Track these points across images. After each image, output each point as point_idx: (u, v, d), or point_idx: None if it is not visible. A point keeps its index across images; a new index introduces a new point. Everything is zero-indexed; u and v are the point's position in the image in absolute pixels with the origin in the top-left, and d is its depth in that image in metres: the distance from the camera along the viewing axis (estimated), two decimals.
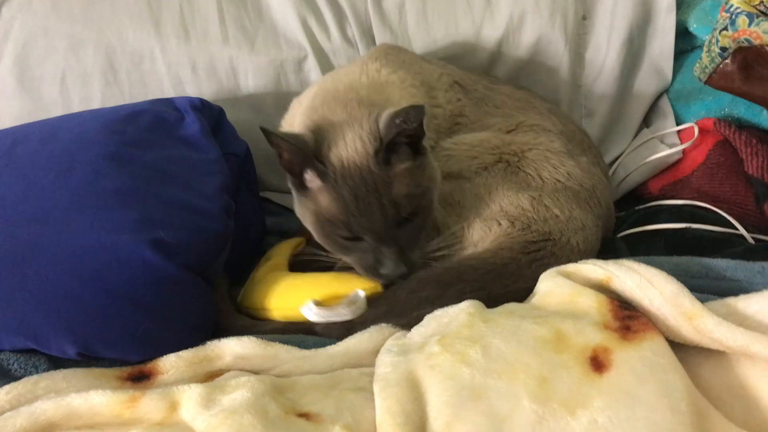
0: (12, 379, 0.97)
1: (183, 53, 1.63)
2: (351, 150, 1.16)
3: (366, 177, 1.15)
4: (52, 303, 1.02)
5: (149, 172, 1.17)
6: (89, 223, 1.08)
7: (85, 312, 1.03)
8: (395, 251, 1.15)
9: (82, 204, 1.10)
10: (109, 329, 1.04)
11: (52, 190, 1.12)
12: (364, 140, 1.15)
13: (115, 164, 1.16)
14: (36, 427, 0.86)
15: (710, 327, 0.87)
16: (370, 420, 0.85)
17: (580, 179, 1.31)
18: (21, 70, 1.61)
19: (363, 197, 1.14)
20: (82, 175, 1.14)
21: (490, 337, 0.90)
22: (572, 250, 1.20)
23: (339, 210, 1.16)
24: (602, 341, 0.87)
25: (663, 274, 0.95)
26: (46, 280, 1.03)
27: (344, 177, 1.15)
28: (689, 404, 0.81)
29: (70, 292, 1.03)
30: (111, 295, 1.04)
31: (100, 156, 1.17)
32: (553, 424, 0.79)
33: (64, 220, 1.08)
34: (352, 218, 1.15)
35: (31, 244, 1.06)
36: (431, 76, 1.39)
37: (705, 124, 1.57)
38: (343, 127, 1.18)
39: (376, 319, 1.09)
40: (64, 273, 1.03)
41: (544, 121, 1.41)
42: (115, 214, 1.09)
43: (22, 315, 1.02)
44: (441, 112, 1.38)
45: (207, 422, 0.84)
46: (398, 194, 1.15)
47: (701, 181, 1.52)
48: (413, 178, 1.17)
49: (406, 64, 1.37)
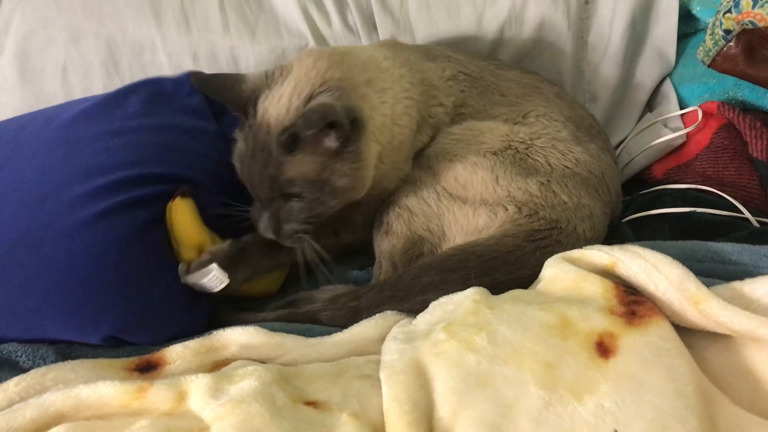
0: (20, 370, 0.98)
1: (184, 43, 1.62)
2: (273, 110, 1.17)
3: (265, 143, 1.16)
4: (76, 283, 1.04)
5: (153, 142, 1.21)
6: (101, 197, 1.09)
7: (106, 289, 1.05)
8: (270, 216, 1.19)
9: (92, 178, 1.12)
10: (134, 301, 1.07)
11: (62, 168, 1.12)
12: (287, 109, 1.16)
13: (121, 137, 1.18)
14: (45, 418, 0.87)
15: (716, 311, 0.87)
16: (377, 407, 0.86)
17: (589, 165, 1.30)
18: (22, 62, 1.61)
19: (253, 160, 1.18)
20: (90, 151, 1.15)
21: (496, 323, 0.90)
22: (578, 238, 1.19)
23: (236, 161, 1.22)
24: (608, 327, 0.87)
25: (668, 259, 0.95)
26: (65, 259, 1.04)
27: (252, 132, 1.18)
28: (695, 388, 0.81)
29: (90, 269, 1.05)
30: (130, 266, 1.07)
31: (105, 130, 1.19)
32: (559, 410, 0.79)
33: (76, 196, 1.09)
34: (242, 173, 1.21)
35: (47, 222, 1.07)
36: (433, 75, 1.38)
37: (709, 108, 1.56)
38: (295, 81, 1.18)
39: (380, 304, 1.10)
40: (80, 249, 1.05)
41: (551, 108, 1.40)
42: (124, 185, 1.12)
43: (47, 300, 1.04)
44: (441, 111, 1.37)
45: (215, 412, 0.85)
46: (289, 175, 1.15)
47: (705, 165, 1.51)
48: (318, 168, 1.16)
49: (410, 62, 1.35)
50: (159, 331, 1.10)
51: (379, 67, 1.28)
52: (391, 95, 1.26)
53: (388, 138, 1.25)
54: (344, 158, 1.16)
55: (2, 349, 1.01)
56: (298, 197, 1.17)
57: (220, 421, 0.83)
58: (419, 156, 1.34)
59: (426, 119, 1.34)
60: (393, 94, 1.26)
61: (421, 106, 1.32)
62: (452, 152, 1.29)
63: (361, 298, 1.12)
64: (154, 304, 1.10)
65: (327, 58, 1.21)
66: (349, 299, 1.13)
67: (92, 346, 1.06)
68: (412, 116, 1.29)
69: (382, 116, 1.24)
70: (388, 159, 1.27)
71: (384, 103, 1.24)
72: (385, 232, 1.28)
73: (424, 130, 1.34)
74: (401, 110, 1.27)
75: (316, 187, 1.16)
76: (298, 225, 1.20)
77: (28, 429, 0.85)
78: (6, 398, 0.91)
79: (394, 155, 1.29)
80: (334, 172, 1.16)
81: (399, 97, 1.27)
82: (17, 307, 1.04)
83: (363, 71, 1.24)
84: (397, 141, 1.28)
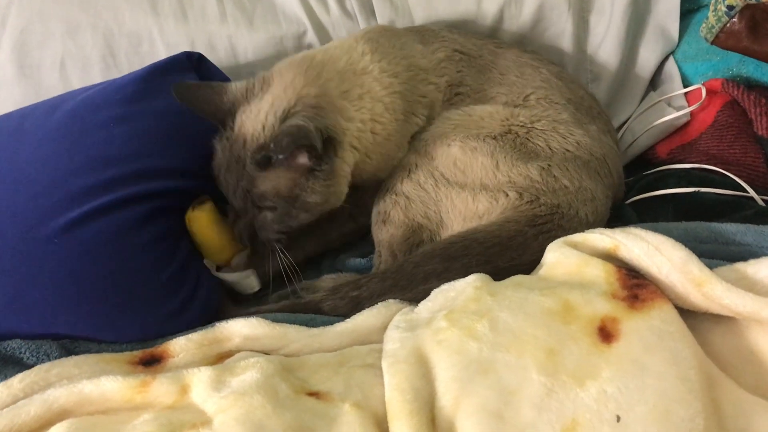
0: (24, 367, 0.98)
1: (181, 34, 1.61)
2: (250, 125, 1.20)
3: (239, 157, 1.19)
4: (85, 276, 1.05)
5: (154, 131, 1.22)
6: (107, 190, 1.10)
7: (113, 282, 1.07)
8: (244, 225, 1.23)
9: (96, 170, 1.12)
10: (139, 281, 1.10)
11: (68, 158, 1.13)
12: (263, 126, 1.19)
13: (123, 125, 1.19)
14: (50, 414, 0.87)
15: (719, 293, 0.87)
16: (380, 397, 0.86)
17: (590, 148, 1.29)
18: (20, 56, 1.60)
19: (228, 172, 1.21)
20: (94, 141, 1.16)
21: (497, 310, 0.90)
22: (580, 222, 1.18)
23: (214, 169, 1.24)
24: (610, 311, 0.87)
25: (671, 241, 0.94)
26: (74, 250, 1.05)
27: (229, 144, 1.21)
28: (698, 372, 0.80)
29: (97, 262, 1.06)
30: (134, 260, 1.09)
31: (106, 119, 1.20)
32: (562, 396, 0.79)
33: (84, 188, 1.10)
34: (219, 183, 1.24)
35: (56, 213, 1.07)
36: (422, 58, 1.37)
37: (712, 85, 1.54)
38: (272, 97, 1.21)
39: (383, 294, 1.10)
40: (88, 241, 1.06)
41: (551, 90, 1.38)
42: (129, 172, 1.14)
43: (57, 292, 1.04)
44: (433, 89, 1.36)
45: (218, 404, 0.85)
46: (261, 189, 1.19)
47: (710, 144, 1.49)
48: (291, 185, 1.19)
49: (396, 49, 1.34)
50: (163, 324, 1.10)
51: (355, 72, 1.29)
52: (369, 99, 1.27)
53: (369, 140, 1.28)
54: (316, 176, 1.20)
55: (6, 346, 1.02)
56: (270, 210, 1.21)
57: (223, 413, 0.83)
58: (416, 140, 1.33)
59: (417, 101, 1.34)
60: (371, 96, 1.28)
61: (407, 94, 1.31)
62: (450, 136, 1.28)
63: (362, 287, 1.12)
64: (159, 296, 1.10)
65: (304, 74, 1.24)
66: (350, 289, 1.13)
67: (96, 340, 1.06)
68: (396, 109, 1.30)
69: (360, 123, 1.26)
70: (375, 155, 1.29)
71: (361, 109, 1.26)
72: (382, 221, 1.27)
73: (418, 112, 1.34)
74: (381, 109, 1.28)
75: (288, 202, 1.20)
76: (272, 234, 1.23)
77: (33, 425, 0.86)
78: (10, 395, 0.92)
79: (381, 149, 1.30)
80: (306, 189, 1.20)
81: (378, 97, 1.28)
82: (27, 299, 1.04)
83: (340, 82, 1.26)
84: (381, 137, 1.29)
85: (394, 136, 1.30)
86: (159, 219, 1.15)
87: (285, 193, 1.19)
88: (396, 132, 1.30)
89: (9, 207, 1.08)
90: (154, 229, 1.13)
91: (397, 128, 1.30)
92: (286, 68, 1.25)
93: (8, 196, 1.10)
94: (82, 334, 1.06)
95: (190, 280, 1.15)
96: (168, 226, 1.16)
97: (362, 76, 1.28)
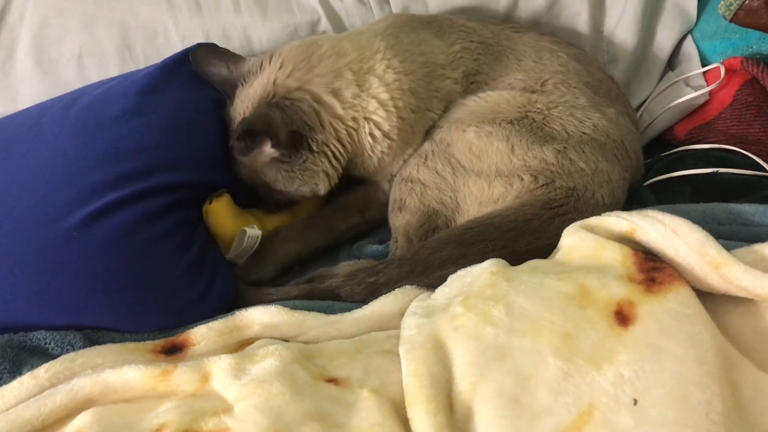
0: (50, 357, 1.00)
1: (196, 25, 1.61)
2: (239, 108, 1.28)
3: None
4: (105, 268, 1.06)
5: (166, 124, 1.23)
6: (125, 178, 1.11)
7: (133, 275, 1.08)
8: None
9: (114, 162, 1.13)
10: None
11: (85, 152, 1.14)
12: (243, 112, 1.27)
13: (138, 118, 1.20)
14: (75, 403, 0.89)
15: (737, 275, 0.86)
16: (397, 383, 0.87)
17: (608, 131, 1.27)
18: (38, 51, 1.62)
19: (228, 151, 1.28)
20: (108, 135, 1.17)
21: (513, 295, 0.90)
22: (597, 204, 1.18)
23: None
24: (627, 294, 0.87)
25: (688, 223, 0.93)
26: (93, 244, 1.06)
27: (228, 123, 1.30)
28: (716, 354, 0.80)
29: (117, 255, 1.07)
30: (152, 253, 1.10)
31: (122, 111, 1.21)
32: (578, 380, 0.79)
33: (101, 180, 1.11)
34: None
35: (75, 206, 1.08)
36: (439, 54, 1.36)
37: (731, 64, 1.52)
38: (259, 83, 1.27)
39: (400, 280, 1.10)
40: (108, 234, 1.07)
41: (568, 75, 1.37)
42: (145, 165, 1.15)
43: (79, 284, 1.06)
44: (450, 83, 1.36)
45: (238, 392, 0.86)
46: (242, 173, 1.30)
47: (729, 124, 1.47)
48: (260, 171, 1.28)
49: (414, 45, 1.35)
50: (183, 314, 1.11)
51: (359, 70, 1.29)
52: (366, 97, 1.28)
53: (364, 139, 1.30)
54: (283, 167, 1.28)
55: (32, 337, 1.03)
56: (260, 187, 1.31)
57: (243, 401, 0.85)
58: (431, 127, 1.34)
59: (432, 96, 1.34)
60: (369, 94, 1.28)
61: (420, 91, 1.32)
62: (466, 122, 1.27)
63: (379, 273, 1.12)
64: (178, 286, 1.11)
65: (295, 64, 1.27)
66: (367, 275, 1.13)
67: (119, 330, 1.08)
68: (401, 107, 1.30)
69: (351, 121, 1.28)
70: (375, 153, 1.32)
71: (354, 107, 1.28)
72: (398, 208, 1.28)
73: (434, 107, 1.34)
74: (379, 109, 1.28)
75: (264, 186, 1.31)
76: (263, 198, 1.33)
77: (59, 414, 0.88)
78: (37, 384, 0.93)
79: (382, 147, 1.31)
80: (278, 177, 1.29)
81: (378, 95, 1.28)
82: (50, 293, 1.06)
83: (333, 79, 1.27)
84: (379, 135, 1.30)
85: (402, 133, 1.31)
86: (176, 210, 1.16)
87: (258, 179, 1.29)
88: (402, 129, 1.31)
89: (28, 202, 1.10)
90: (172, 220, 1.14)
91: (403, 126, 1.30)
92: (285, 53, 1.30)
93: (27, 191, 1.11)
94: (104, 325, 1.07)
95: (208, 270, 1.16)
96: (185, 217, 1.17)
97: (366, 75, 1.29)
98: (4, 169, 1.16)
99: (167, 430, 0.82)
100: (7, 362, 0.99)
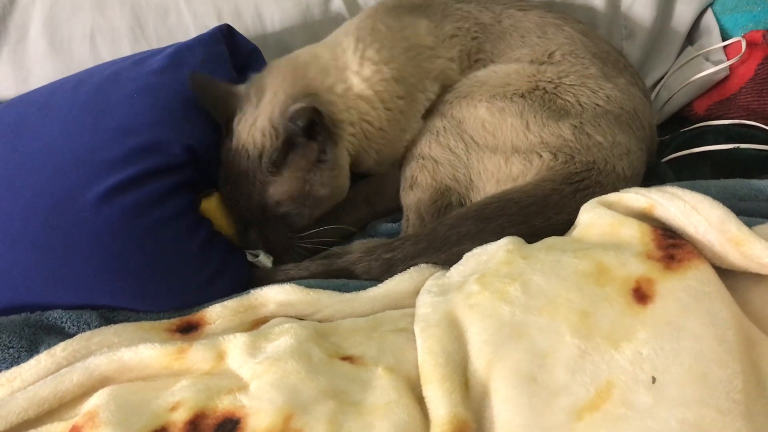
0: (66, 336, 1.00)
1: (208, 3, 1.60)
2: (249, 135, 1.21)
3: (247, 170, 1.20)
4: (114, 248, 1.06)
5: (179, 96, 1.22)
6: (131, 155, 1.11)
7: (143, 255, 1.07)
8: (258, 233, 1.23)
9: (120, 139, 1.13)
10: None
11: (93, 131, 1.14)
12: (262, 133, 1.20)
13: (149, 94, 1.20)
14: (91, 381, 0.90)
15: (758, 252, 0.85)
16: (412, 361, 0.86)
17: (621, 102, 1.26)
18: (51, 31, 1.61)
19: (235, 187, 1.22)
20: (118, 113, 1.16)
21: (530, 273, 0.89)
22: (618, 177, 1.16)
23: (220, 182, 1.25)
24: (645, 272, 0.86)
25: (708, 200, 0.91)
26: (103, 223, 1.06)
27: (231, 157, 1.22)
28: (737, 332, 0.79)
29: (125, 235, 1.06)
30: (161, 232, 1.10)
31: (133, 91, 1.20)
32: (596, 358, 0.78)
33: (108, 159, 1.10)
34: (225, 197, 1.24)
35: (84, 186, 1.08)
36: (426, 37, 1.34)
37: (753, 37, 1.49)
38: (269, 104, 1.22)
39: (416, 256, 1.10)
40: (116, 214, 1.07)
41: (575, 45, 1.35)
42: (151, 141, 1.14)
43: (91, 264, 1.06)
44: (443, 62, 1.34)
45: (253, 370, 0.87)
46: (276, 197, 1.21)
47: (750, 98, 1.45)
48: (301, 183, 1.21)
49: (394, 32, 1.32)
50: (197, 293, 1.11)
51: (336, 68, 1.28)
52: (352, 96, 1.27)
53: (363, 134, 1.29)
54: (322, 167, 1.22)
55: (48, 316, 1.04)
56: (283, 216, 1.23)
57: (258, 379, 0.85)
58: (440, 103, 1.32)
59: (422, 78, 1.32)
60: (354, 92, 1.27)
61: (406, 76, 1.30)
62: (476, 97, 1.26)
63: (396, 249, 1.12)
64: (192, 265, 1.11)
65: (292, 75, 1.25)
66: (384, 251, 1.12)
67: (134, 310, 1.08)
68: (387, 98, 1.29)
69: (350, 116, 1.27)
70: (374, 145, 1.31)
71: (348, 104, 1.27)
72: (410, 186, 1.27)
73: (427, 88, 1.33)
74: (365, 105, 1.28)
75: (299, 202, 1.22)
76: (285, 240, 1.24)
77: (76, 392, 0.89)
78: (54, 363, 0.94)
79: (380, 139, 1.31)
80: (315, 184, 1.22)
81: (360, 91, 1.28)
82: (64, 273, 1.06)
83: (325, 78, 1.27)
84: (374, 129, 1.30)
85: (394, 123, 1.30)
86: (186, 190, 1.16)
87: (297, 193, 1.21)
88: (393, 119, 1.30)
89: (38, 182, 1.10)
90: (182, 200, 1.13)
91: (393, 116, 1.30)
92: (275, 74, 1.27)
93: (37, 170, 1.11)
94: (118, 304, 1.07)
95: (220, 250, 1.16)
96: (193, 197, 1.18)
97: (344, 71, 1.28)
98: (15, 149, 1.16)
99: (183, 408, 0.82)
100: (25, 341, 0.99)
